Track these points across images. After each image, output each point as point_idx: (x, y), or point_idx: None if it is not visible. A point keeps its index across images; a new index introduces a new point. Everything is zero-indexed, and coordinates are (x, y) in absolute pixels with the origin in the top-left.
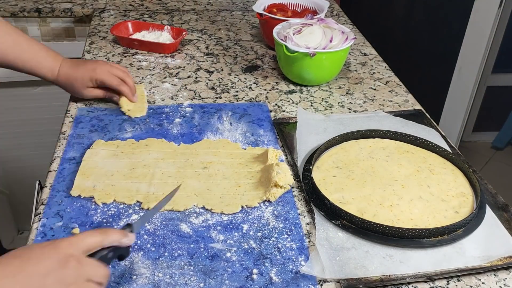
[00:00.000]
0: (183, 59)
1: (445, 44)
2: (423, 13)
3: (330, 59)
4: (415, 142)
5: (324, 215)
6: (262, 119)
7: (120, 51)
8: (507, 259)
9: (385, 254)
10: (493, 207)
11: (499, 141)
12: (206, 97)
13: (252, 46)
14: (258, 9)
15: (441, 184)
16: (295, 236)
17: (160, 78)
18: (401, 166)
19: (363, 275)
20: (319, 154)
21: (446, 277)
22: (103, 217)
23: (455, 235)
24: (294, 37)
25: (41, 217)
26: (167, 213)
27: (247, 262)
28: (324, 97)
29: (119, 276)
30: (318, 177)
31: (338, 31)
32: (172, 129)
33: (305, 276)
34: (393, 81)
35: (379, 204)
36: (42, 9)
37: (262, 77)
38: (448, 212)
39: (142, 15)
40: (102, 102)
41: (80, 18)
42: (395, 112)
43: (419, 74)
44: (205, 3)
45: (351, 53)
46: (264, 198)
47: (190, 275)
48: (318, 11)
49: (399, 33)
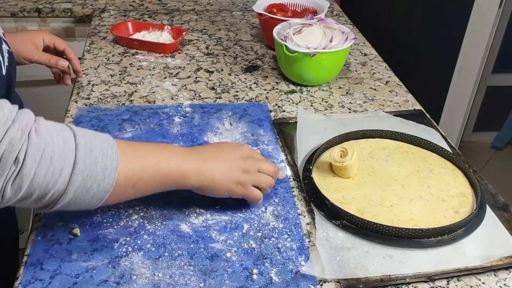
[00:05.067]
0: (183, 59)
1: (445, 44)
2: (423, 13)
3: (330, 59)
4: (415, 142)
5: (324, 215)
6: (262, 119)
7: (120, 51)
8: (507, 259)
9: (385, 254)
10: (493, 207)
11: (499, 141)
12: (206, 97)
13: (252, 46)
14: (258, 9)
15: (441, 184)
16: (295, 236)
17: (160, 78)
18: (401, 166)
19: (363, 275)
20: (319, 154)
21: (446, 277)
22: (103, 217)
23: (455, 235)
24: (294, 37)
25: (41, 217)
26: (167, 212)
27: (247, 262)
28: (324, 97)
29: (119, 276)
30: (318, 177)
31: (338, 31)
32: (172, 129)
33: (305, 276)
34: (393, 81)
35: (379, 204)
36: (42, 9)
37: (262, 77)
38: (448, 212)
39: (142, 15)
40: (102, 102)
41: (80, 18)
42: (395, 112)
43: (419, 74)
44: (205, 3)
45: (351, 53)
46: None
47: (190, 275)
48: (318, 11)
49: (399, 33)
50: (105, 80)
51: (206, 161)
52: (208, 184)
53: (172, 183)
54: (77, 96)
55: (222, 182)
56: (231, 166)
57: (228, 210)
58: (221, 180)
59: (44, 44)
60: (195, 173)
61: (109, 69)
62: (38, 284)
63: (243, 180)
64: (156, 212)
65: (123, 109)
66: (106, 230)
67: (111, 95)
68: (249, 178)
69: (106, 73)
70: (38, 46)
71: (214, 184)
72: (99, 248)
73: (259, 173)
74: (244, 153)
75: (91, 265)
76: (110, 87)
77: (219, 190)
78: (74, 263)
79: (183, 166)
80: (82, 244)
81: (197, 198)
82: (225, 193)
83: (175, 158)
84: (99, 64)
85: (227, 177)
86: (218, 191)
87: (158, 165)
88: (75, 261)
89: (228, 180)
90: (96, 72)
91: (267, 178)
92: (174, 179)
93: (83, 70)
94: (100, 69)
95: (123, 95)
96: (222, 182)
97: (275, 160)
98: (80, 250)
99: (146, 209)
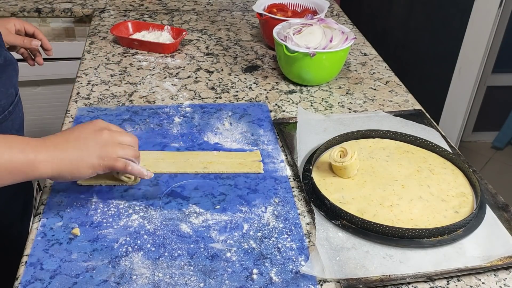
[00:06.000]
0: (183, 59)
1: (445, 44)
2: (423, 13)
3: (330, 59)
4: (415, 142)
5: (324, 215)
6: (262, 119)
7: (120, 51)
8: (507, 259)
9: (385, 254)
10: (493, 207)
11: (499, 141)
12: (206, 97)
13: (252, 46)
14: (258, 9)
15: (441, 184)
16: (295, 236)
17: (160, 78)
18: (401, 166)
19: (363, 275)
20: (319, 154)
21: (446, 277)
22: (103, 217)
23: (455, 235)
24: (294, 37)
25: (41, 217)
26: (167, 213)
27: (247, 262)
28: (324, 97)
29: (119, 276)
30: (318, 177)
31: (338, 31)
32: (172, 129)
33: (305, 276)
34: (393, 81)
35: (379, 204)
36: (42, 9)
37: (262, 77)
38: (448, 212)
39: (142, 15)
40: (102, 102)
41: (80, 18)
42: (395, 112)
43: (419, 74)
44: (205, 3)
45: (351, 53)
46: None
47: (190, 275)
48: (318, 11)
49: (399, 33)
50: (105, 80)
51: (57, 147)
52: (66, 168)
53: (20, 175)
54: (77, 96)
55: (80, 161)
56: (86, 143)
57: (228, 210)
58: (79, 160)
59: (15, 29)
60: (45, 160)
61: (109, 69)
62: (38, 284)
63: (104, 153)
64: (156, 212)
65: (123, 109)
66: (106, 230)
67: (111, 95)
68: (110, 150)
69: (106, 73)
70: (10, 30)
71: (72, 166)
72: (99, 248)
73: (120, 144)
74: (97, 126)
75: (91, 265)
76: (110, 87)
77: (81, 170)
78: (74, 263)
79: (29, 153)
80: (82, 244)
81: (197, 198)
82: (89, 171)
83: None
84: (99, 64)
85: (85, 155)
86: (80, 172)
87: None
88: (75, 261)
89: (87, 157)
90: (96, 72)
91: (130, 148)
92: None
93: (83, 70)
94: (100, 69)
95: (123, 95)
96: (81, 162)
97: (275, 160)
98: (80, 250)
99: (146, 209)
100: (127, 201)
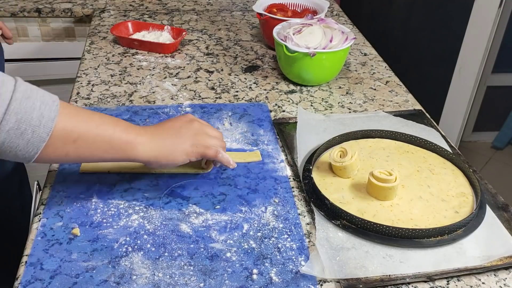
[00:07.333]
0: (183, 59)
1: (445, 44)
2: (423, 13)
3: (330, 59)
4: (415, 142)
5: (324, 215)
6: (262, 119)
7: (120, 51)
8: (507, 259)
9: (385, 254)
10: (493, 207)
11: (499, 141)
12: (206, 97)
13: (252, 46)
14: (258, 9)
15: (441, 184)
16: (295, 236)
17: (160, 78)
18: (401, 166)
19: (363, 275)
20: (319, 154)
21: (446, 277)
22: (103, 217)
23: (455, 235)
24: (294, 37)
25: (41, 217)
26: (167, 213)
27: (247, 262)
28: (324, 97)
29: (119, 276)
30: (318, 177)
31: (338, 31)
32: None
33: (305, 276)
34: (393, 81)
35: (379, 204)
36: (42, 9)
37: (262, 77)
38: (448, 212)
39: (142, 15)
40: (102, 102)
41: (80, 18)
42: (395, 112)
43: (419, 74)
44: (205, 3)
45: (351, 53)
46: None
47: (190, 275)
48: (318, 11)
49: (399, 33)
50: (105, 80)
51: (154, 133)
52: (163, 153)
53: (119, 152)
54: (77, 96)
55: (176, 148)
56: (180, 132)
57: (228, 210)
58: (175, 146)
59: None
60: (144, 143)
61: (109, 69)
62: (38, 284)
63: (197, 141)
64: (156, 212)
65: (123, 109)
66: (106, 230)
67: (111, 95)
68: (202, 138)
69: (106, 73)
70: None
71: (168, 152)
72: (99, 248)
73: (208, 135)
74: (188, 118)
75: (91, 265)
76: (110, 87)
77: (176, 155)
78: (74, 263)
79: (130, 133)
80: (82, 244)
81: (197, 198)
82: (183, 157)
83: (121, 126)
84: (99, 64)
85: (180, 142)
86: (174, 157)
87: (102, 126)
88: (75, 261)
89: (182, 144)
90: (96, 72)
91: (218, 139)
92: (118, 146)
93: (83, 70)
94: (100, 69)
95: (123, 95)
96: (176, 148)
97: (275, 160)
98: (80, 250)
99: (146, 209)
100: (127, 201)
